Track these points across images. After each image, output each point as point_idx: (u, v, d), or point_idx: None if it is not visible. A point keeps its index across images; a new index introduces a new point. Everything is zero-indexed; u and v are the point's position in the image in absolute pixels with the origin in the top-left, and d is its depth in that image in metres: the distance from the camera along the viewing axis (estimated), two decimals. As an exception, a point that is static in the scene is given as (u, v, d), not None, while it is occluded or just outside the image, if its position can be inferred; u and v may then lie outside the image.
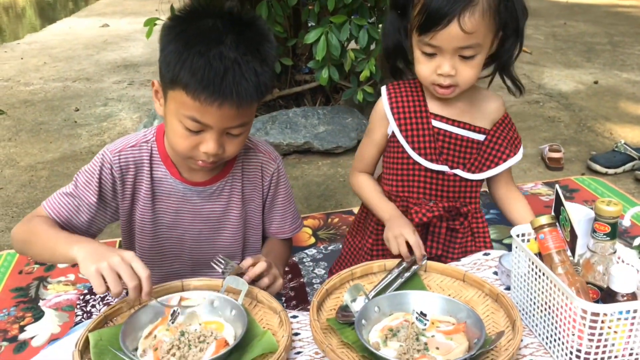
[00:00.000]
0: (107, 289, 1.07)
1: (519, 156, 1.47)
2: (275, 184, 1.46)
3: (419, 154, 1.41)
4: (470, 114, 1.44)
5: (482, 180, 1.47)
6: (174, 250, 1.44)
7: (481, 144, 1.43)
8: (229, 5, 1.23)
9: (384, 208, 1.46)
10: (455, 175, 1.42)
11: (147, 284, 1.08)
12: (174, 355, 1.02)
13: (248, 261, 1.23)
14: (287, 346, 1.03)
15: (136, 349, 1.06)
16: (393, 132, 1.44)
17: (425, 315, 1.07)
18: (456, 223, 1.47)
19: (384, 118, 1.45)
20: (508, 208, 1.56)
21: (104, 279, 1.06)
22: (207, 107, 1.15)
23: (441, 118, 1.41)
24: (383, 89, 1.47)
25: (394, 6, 1.38)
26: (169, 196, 1.38)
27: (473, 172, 1.43)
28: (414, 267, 1.26)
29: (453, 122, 1.42)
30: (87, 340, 1.06)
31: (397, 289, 1.20)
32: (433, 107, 1.43)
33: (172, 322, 1.10)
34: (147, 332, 1.10)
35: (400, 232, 1.32)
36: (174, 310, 1.11)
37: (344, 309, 1.14)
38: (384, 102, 1.45)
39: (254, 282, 1.21)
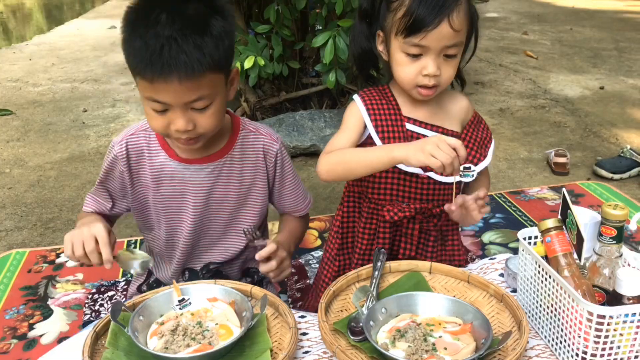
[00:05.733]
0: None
1: (488, 159, 1.47)
2: (280, 164, 1.49)
3: None
4: (440, 116, 1.46)
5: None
6: (173, 233, 1.47)
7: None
8: None
9: (382, 149, 1.35)
10: (428, 177, 1.43)
11: (106, 251, 1.22)
12: (163, 336, 1.09)
13: (266, 250, 1.29)
14: None
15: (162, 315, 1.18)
16: (369, 135, 1.45)
17: (469, 168, 1.05)
18: (430, 225, 1.48)
19: (359, 120, 1.46)
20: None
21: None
22: (157, 85, 1.20)
23: (414, 121, 1.43)
24: (356, 96, 1.49)
25: (362, 16, 1.42)
26: (171, 180, 1.41)
27: (447, 175, 1.44)
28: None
29: (426, 126, 1.43)
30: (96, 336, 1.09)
31: (404, 290, 1.22)
32: (405, 110, 1.45)
33: (180, 309, 1.16)
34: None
35: (436, 140, 1.21)
36: (183, 298, 1.17)
37: (354, 321, 1.13)
38: (360, 107, 1.46)
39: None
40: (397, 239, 1.50)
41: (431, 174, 1.43)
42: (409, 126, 1.42)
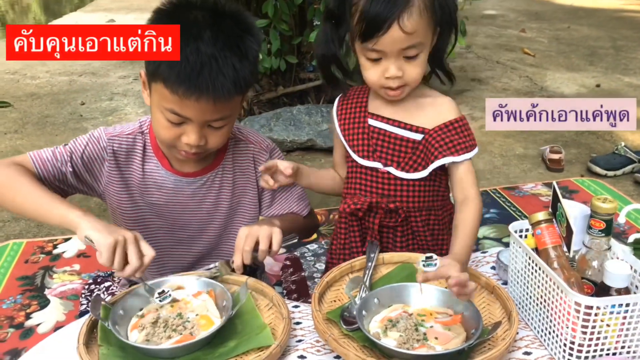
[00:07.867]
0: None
1: (455, 158, 1.38)
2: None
3: (354, 151, 1.45)
4: (409, 113, 1.43)
5: (421, 180, 1.43)
6: (161, 241, 1.44)
7: (418, 143, 1.42)
8: None
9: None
10: (388, 173, 1.44)
11: (148, 263, 1.14)
12: (144, 329, 1.08)
13: (238, 261, 1.25)
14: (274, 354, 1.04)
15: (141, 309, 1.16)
16: None
17: (431, 257, 1.06)
18: (391, 221, 1.47)
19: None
20: (455, 215, 1.44)
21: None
22: (185, 101, 1.18)
23: (377, 117, 1.44)
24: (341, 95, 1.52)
25: (328, 17, 1.40)
26: (159, 188, 1.39)
27: (407, 171, 1.43)
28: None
29: (388, 121, 1.43)
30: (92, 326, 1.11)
31: (397, 281, 1.23)
32: (373, 107, 1.46)
33: (160, 301, 1.14)
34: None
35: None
36: (163, 290, 1.15)
37: (347, 311, 1.15)
38: (335, 103, 1.51)
39: (255, 251, 1.24)
40: (358, 230, 1.51)
41: (390, 169, 1.43)
42: (371, 121, 1.44)
